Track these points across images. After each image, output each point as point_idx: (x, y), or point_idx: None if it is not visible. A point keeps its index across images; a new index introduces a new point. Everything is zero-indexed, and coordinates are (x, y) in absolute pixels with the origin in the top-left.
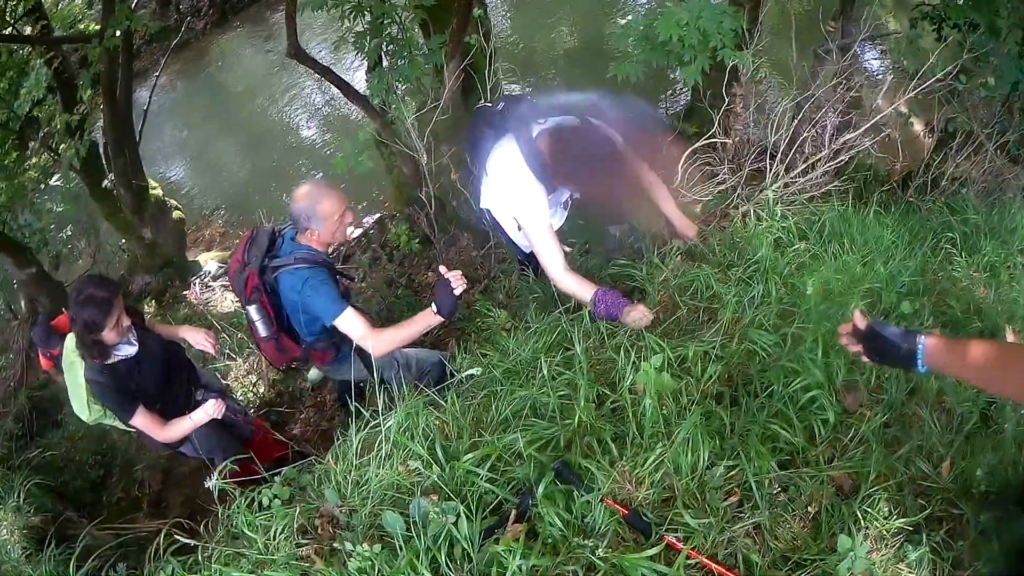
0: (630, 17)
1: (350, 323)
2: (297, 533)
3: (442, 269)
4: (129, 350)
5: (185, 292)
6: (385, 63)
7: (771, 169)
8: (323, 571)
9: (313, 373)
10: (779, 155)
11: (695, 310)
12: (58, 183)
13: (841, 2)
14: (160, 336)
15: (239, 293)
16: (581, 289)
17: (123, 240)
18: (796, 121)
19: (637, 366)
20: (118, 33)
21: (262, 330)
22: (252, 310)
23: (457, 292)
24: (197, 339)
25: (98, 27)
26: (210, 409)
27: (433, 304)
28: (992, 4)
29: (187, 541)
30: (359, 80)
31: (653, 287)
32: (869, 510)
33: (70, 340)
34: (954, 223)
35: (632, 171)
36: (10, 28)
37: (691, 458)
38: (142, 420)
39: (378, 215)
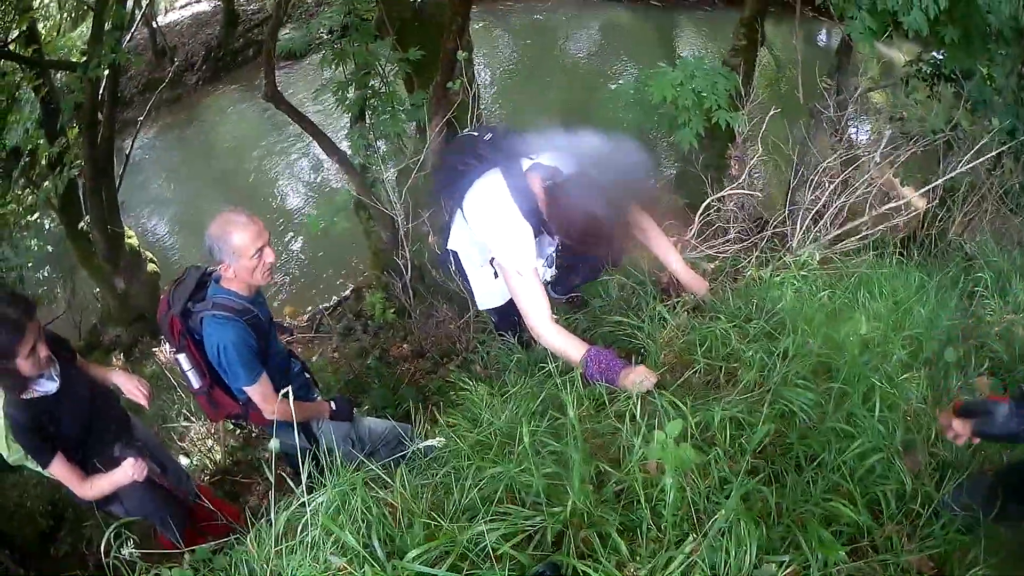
0: (621, 81)
1: (257, 394)
2: None
3: None
4: (49, 386)
5: (155, 349)
6: (367, 118)
7: (796, 232)
8: None
9: (275, 443)
10: (797, 217)
11: (709, 370)
12: (39, 220)
13: (836, 58)
14: (89, 377)
15: (168, 339)
16: (569, 346)
17: (96, 288)
18: (797, 181)
19: (648, 436)
20: (103, 65)
21: (194, 381)
22: (182, 359)
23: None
24: (129, 387)
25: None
26: (128, 469)
27: (333, 403)
28: (987, 51)
29: None
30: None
31: (656, 346)
32: None
33: None
34: (981, 266)
35: (633, 220)
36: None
37: (735, 555)
38: (60, 469)
39: (353, 287)
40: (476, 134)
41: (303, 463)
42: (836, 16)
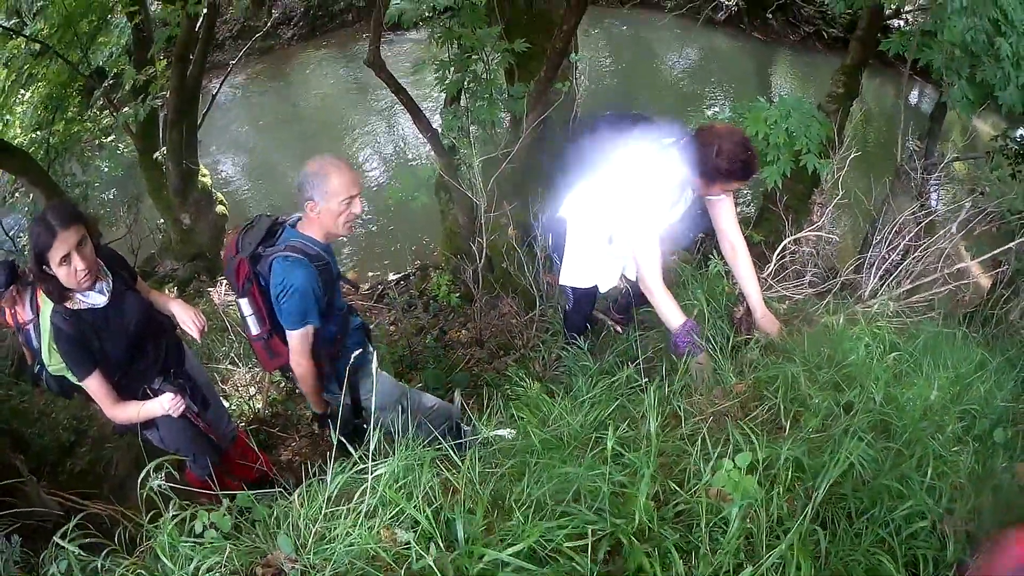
0: (716, 109)
1: (296, 340)
2: None
3: None
4: (96, 299)
5: (210, 289)
6: (463, 101)
7: (869, 282)
8: None
9: None
10: (871, 270)
11: (774, 409)
12: (112, 142)
13: (930, 121)
14: (146, 302)
15: (231, 284)
16: (673, 308)
17: (162, 220)
18: (876, 236)
19: (717, 465)
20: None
21: (252, 327)
22: (244, 304)
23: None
24: (184, 317)
25: None
26: (165, 403)
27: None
28: None
29: (97, 540)
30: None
31: (726, 372)
32: None
33: None
34: None
35: (728, 234)
36: None
37: None
38: (95, 385)
39: (420, 263)
40: (616, 116)
41: (372, 430)
42: (942, 79)
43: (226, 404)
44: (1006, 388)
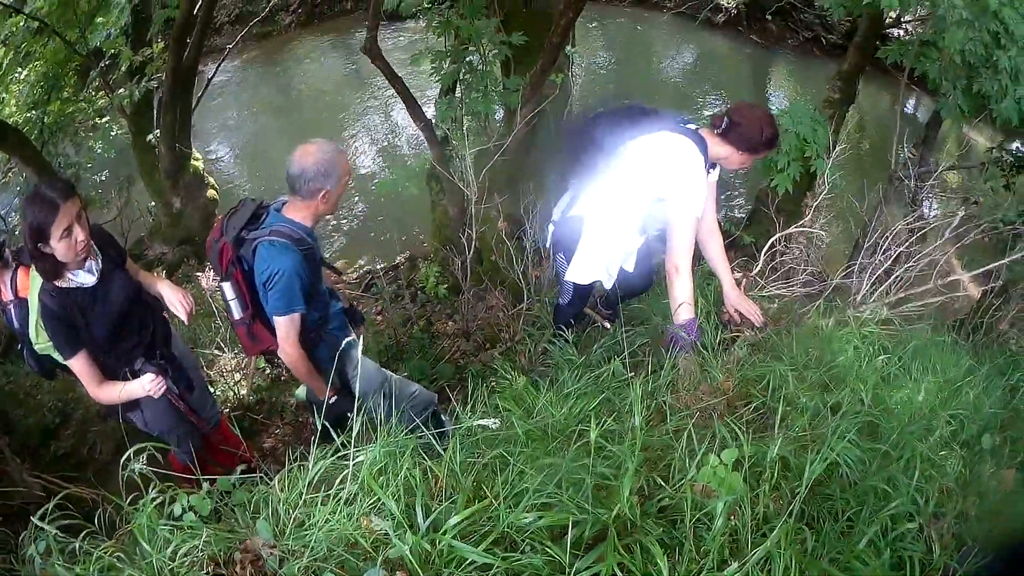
0: (713, 110)
1: (284, 327)
2: (207, 562)
3: None
4: (86, 279)
5: (198, 273)
6: (458, 92)
7: (862, 288)
8: None
9: (301, 390)
10: (863, 275)
11: (762, 408)
12: (106, 123)
13: (925, 129)
14: (134, 283)
15: (215, 267)
16: (688, 302)
17: (152, 203)
18: (867, 242)
19: (703, 460)
20: None
21: (235, 311)
22: (226, 287)
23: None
24: (172, 298)
25: None
26: (146, 384)
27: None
28: None
29: (77, 522)
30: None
31: (714, 368)
32: None
33: None
34: None
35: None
36: None
37: None
38: (80, 365)
39: (409, 254)
40: (622, 108)
41: (355, 415)
42: (938, 89)
43: (211, 390)
44: (994, 395)
